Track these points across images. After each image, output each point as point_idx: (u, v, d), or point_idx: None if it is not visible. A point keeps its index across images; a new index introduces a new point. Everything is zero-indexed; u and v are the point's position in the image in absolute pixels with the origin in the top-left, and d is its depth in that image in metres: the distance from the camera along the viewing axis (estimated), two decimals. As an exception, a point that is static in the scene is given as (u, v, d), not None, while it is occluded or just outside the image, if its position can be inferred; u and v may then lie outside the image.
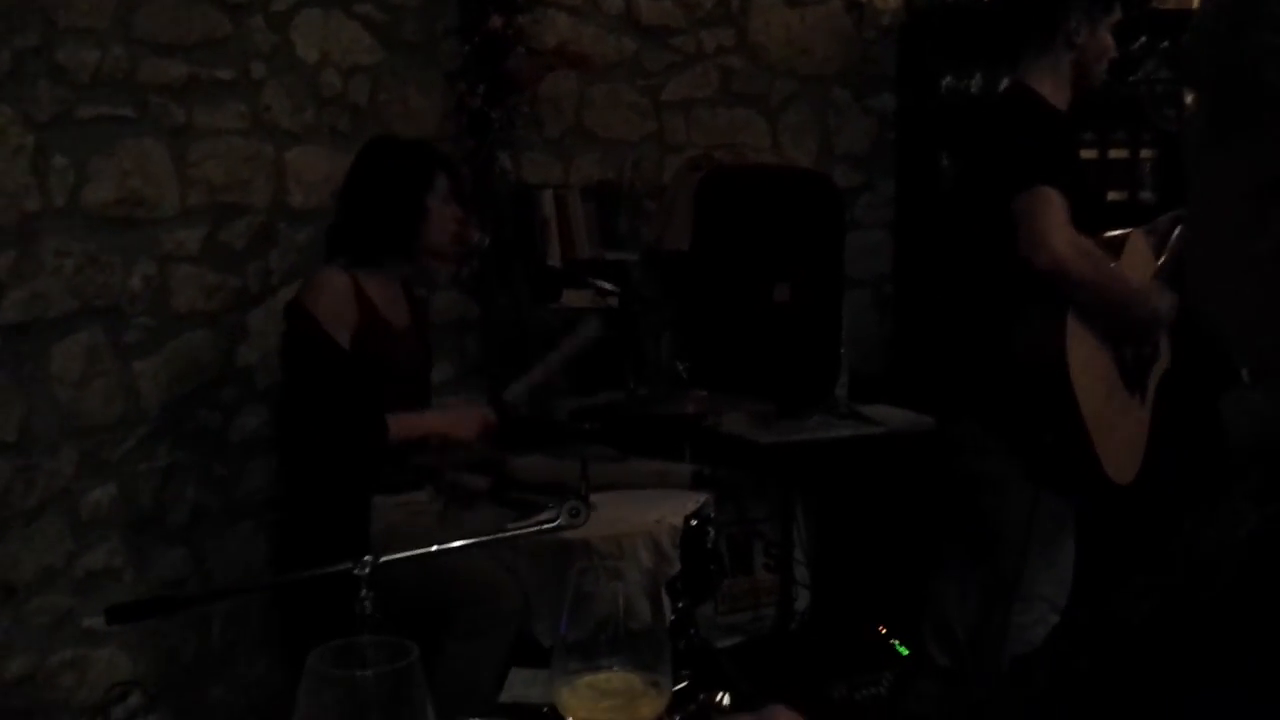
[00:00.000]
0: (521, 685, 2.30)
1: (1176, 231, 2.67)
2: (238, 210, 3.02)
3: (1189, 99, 0.68)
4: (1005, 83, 3.19)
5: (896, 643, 3.28)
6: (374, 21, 3.40)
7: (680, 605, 2.33)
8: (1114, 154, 4.12)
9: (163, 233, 2.81)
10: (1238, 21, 0.61)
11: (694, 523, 2.35)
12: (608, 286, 3.03)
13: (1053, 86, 2.55)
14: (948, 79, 3.92)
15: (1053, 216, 2.33)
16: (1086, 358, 2.43)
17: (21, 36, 2.44)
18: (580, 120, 3.77)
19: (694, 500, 2.48)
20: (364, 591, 1.79)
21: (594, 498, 2.11)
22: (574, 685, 1.08)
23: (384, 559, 1.81)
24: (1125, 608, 0.67)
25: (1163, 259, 2.65)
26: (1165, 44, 4.04)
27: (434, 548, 1.95)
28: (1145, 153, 4.12)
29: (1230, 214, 0.63)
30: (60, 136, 2.54)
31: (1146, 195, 4.13)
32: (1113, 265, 2.48)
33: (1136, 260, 2.63)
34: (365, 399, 2.55)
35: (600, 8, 3.77)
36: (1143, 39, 4.05)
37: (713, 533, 2.36)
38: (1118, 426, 2.53)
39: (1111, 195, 4.10)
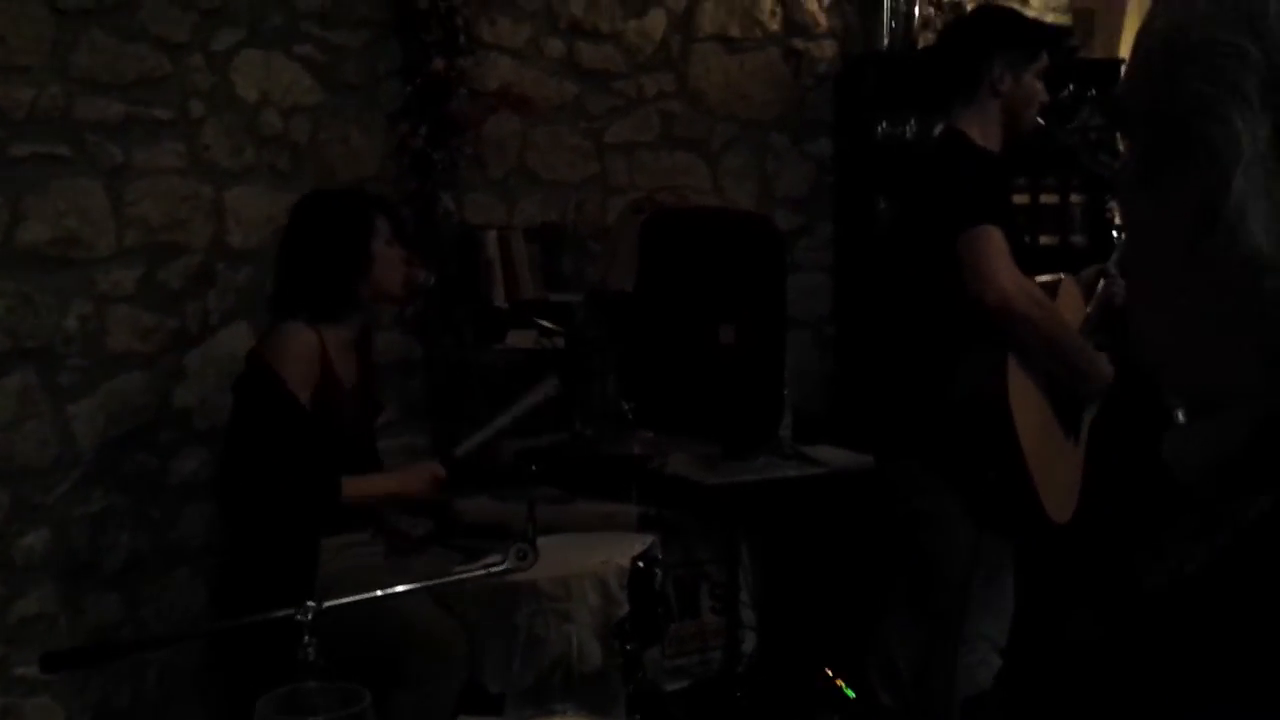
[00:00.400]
0: (469, 732, 2.27)
1: (1101, 284, 2.75)
2: (176, 250, 2.98)
3: (1123, 144, 0.70)
4: (939, 129, 3.27)
5: (843, 685, 3.29)
6: (315, 62, 3.39)
7: (629, 648, 2.32)
8: (1045, 199, 4.23)
9: (98, 273, 2.76)
10: (1169, 69, 0.64)
11: (641, 564, 2.35)
12: (552, 327, 3.03)
13: (982, 132, 2.61)
14: (883, 125, 4.00)
15: (998, 255, 2.37)
16: (1025, 397, 2.47)
17: (-45, 73, 2.40)
18: (523, 162, 3.79)
19: (640, 542, 2.47)
20: (307, 638, 1.76)
21: (540, 540, 2.09)
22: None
23: (328, 604, 1.78)
24: (1076, 636, 0.68)
25: (1090, 309, 2.72)
26: (1093, 92, 4.17)
27: (379, 592, 1.92)
28: (1075, 198, 4.24)
29: (1164, 255, 0.65)
30: (-6, 175, 2.50)
31: (1078, 239, 4.24)
32: (1055, 307, 2.53)
33: (1068, 305, 2.69)
34: (320, 461, 2.51)
35: (542, 51, 3.80)
36: (1071, 87, 4.17)
37: (660, 574, 2.36)
38: (1055, 465, 2.57)
39: (1044, 239, 4.20)
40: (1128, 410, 2.49)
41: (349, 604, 1.82)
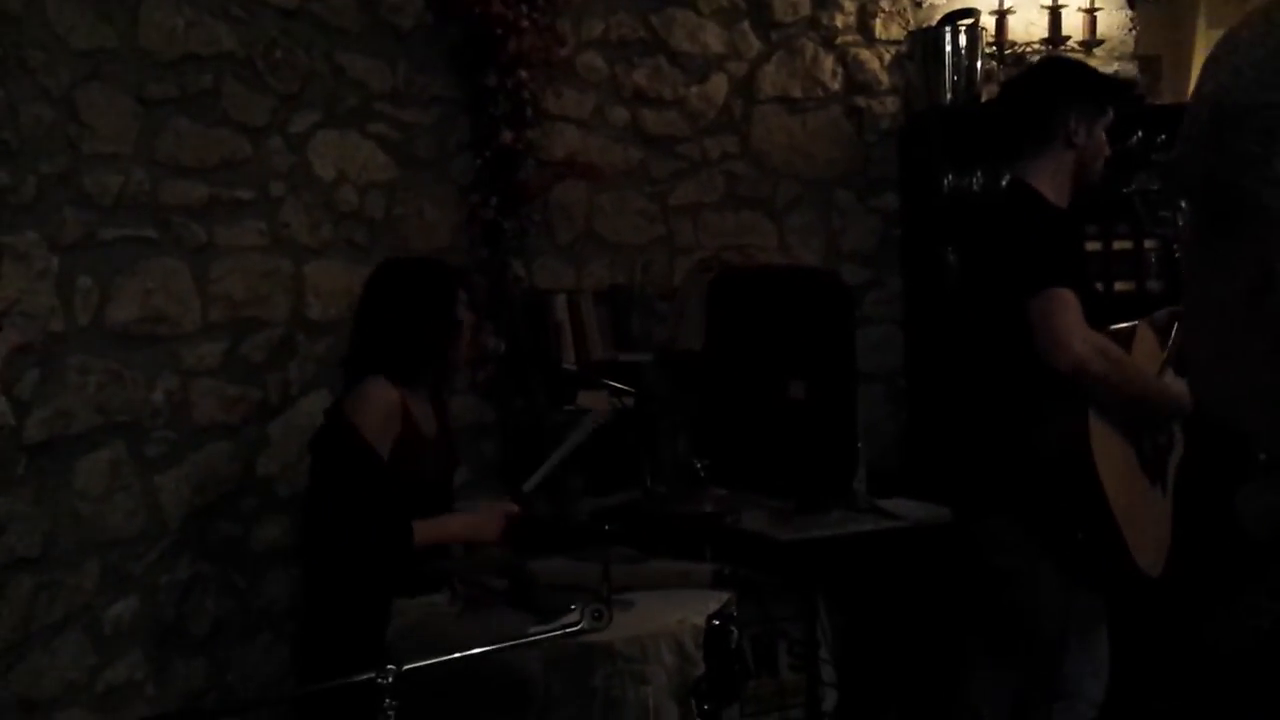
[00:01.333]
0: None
1: (1176, 326, 2.70)
2: (258, 324, 3.08)
3: (1183, 204, 0.70)
4: (1006, 180, 3.26)
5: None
6: (388, 140, 3.51)
7: (706, 708, 2.31)
8: (1118, 245, 4.18)
9: (184, 348, 2.86)
10: (1219, 133, 0.64)
11: (716, 622, 2.34)
12: (622, 387, 3.06)
13: (1052, 185, 2.59)
14: (949, 178, 4.00)
15: (1068, 317, 2.36)
16: (1109, 451, 2.43)
17: (48, 163, 2.52)
18: (590, 226, 3.86)
19: (716, 599, 2.47)
20: (387, 701, 1.79)
21: (615, 599, 2.10)
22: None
23: (408, 667, 1.81)
24: (1165, 704, 0.68)
25: (1166, 352, 2.67)
26: (1162, 138, 4.13)
27: (457, 654, 1.95)
28: (1149, 243, 4.18)
29: (1225, 314, 0.66)
30: (84, 258, 2.61)
31: (1153, 285, 4.17)
32: (1128, 358, 2.49)
33: (1145, 350, 2.65)
34: (395, 509, 2.57)
35: (607, 120, 3.88)
36: (1139, 134, 4.14)
37: (736, 632, 2.35)
38: (1143, 518, 2.51)
39: (1119, 286, 4.14)
40: (1210, 460, 2.43)
41: (427, 666, 1.85)
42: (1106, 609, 2.62)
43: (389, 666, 1.80)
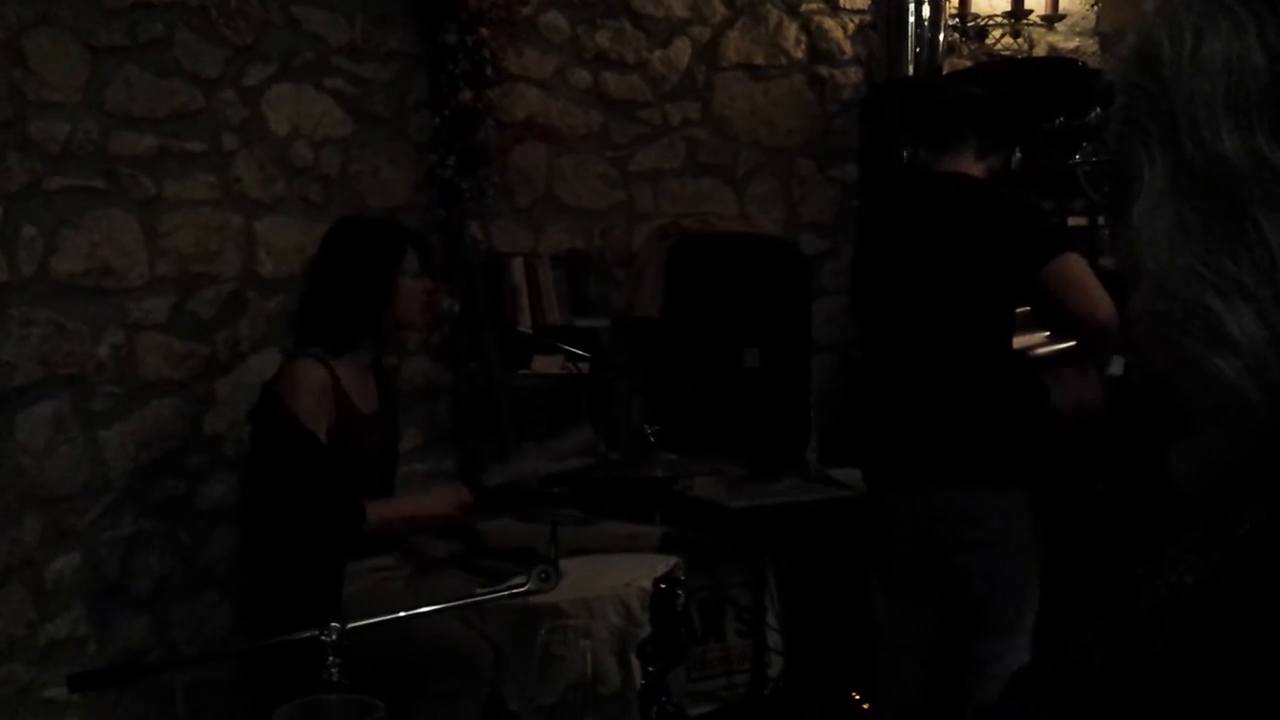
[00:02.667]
0: (490, 752, 2.28)
1: None
2: (207, 279, 3.03)
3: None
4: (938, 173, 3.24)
5: (869, 708, 3.26)
6: (345, 95, 3.45)
7: (651, 669, 2.32)
8: (1073, 221, 4.21)
9: (131, 302, 2.81)
10: (1111, 113, 0.68)
11: (663, 586, 2.35)
12: (578, 352, 3.05)
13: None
14: (909, 150, 4.00)
15: (1094, 278, 2.47)
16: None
17: (-7, 109, 2.47)
18: (550, 190, 3.83)
19: (664, 563, 2.48)
20: (331, 658, 1.78)
21: (563, 562, 2.10)
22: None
23: (352, 625, 1.80)
24: (1080, 657, 0.69)
25: None
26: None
27: (403, 613, 1.94)
28: (1103, 220, 4.22)
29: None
30: (29, 207, 2.55)
31: (1106, 261, 4.21)
32: None
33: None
34: (343, 491, 2.54)
35: (568, 82, 3.85)
36: (1096, 110, 4.17)
37: (682, 596, 2.36)
38: None
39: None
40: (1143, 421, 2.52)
41: (373, 625, 1.84)
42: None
43: (333, 624, 1.79)
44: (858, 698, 3.32)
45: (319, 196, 3.38)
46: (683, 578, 2.43)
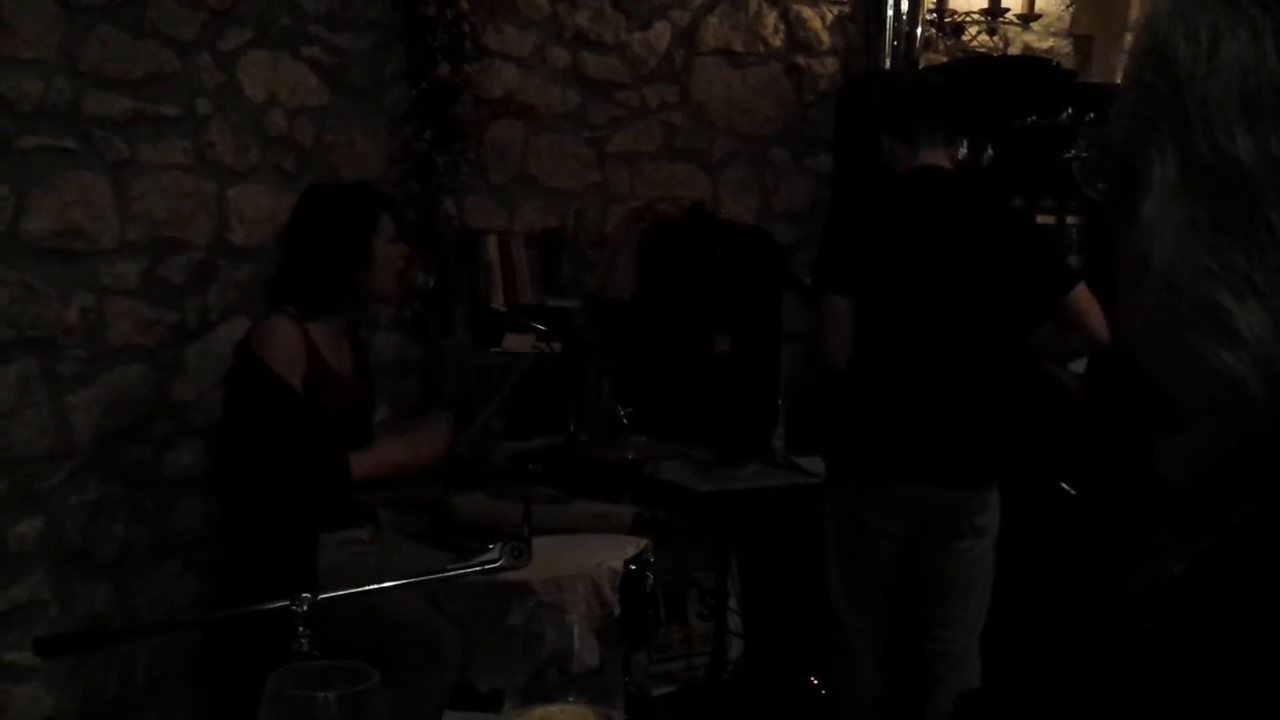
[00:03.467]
0: (457, 728, 2.28)
1: None
2: (178, 245, 3.00)
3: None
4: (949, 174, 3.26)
5: (827, 693, 3.30)
6: (321, 64, 3.42)
7: (616, 650, 2.34)
8: (1042, 219, 4.27)
9: (101, 265, 2.77)
10: (1116, 108, 0.69)
11: (633, 567, 2.37)
12: (549, 331, 3.05)
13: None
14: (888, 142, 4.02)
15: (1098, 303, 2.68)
16: None
17: (-36, 65, 2.42)
18: (525, 168, 3.82)
19: (634, 545, 2.49)
20: (301, 629, 1.77)
21: (535, 540, 2.11)
22: (527, 717, 1.09)
23: (323, 596, 1.79)
24: (1065, 641, 0.70)
25: None
26: (1090, 116, 4.21)
27: (375, 586, 1.94)
28: (1071, 219, 4.27)
29: (1129, 276, 0.69)
30: (0, 166, 2.51)
31: (1074, 260, 4.27)
32: None
33: None
34: (324, 442, 2.52)
35: (547, 60, 3.83)
36: (1069, 110, 4.22)
37: (651, 578, 2.38)
38: None
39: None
40: (1125, 412, 2.63)
41: (343, 597, 1.83)
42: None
43: (304, 594, 1.78)
44: (816, 682, 3.37)
45: (292, 166, 3.35)
46: (653, 559, 2.45)
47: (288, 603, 1.77)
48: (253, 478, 2.54)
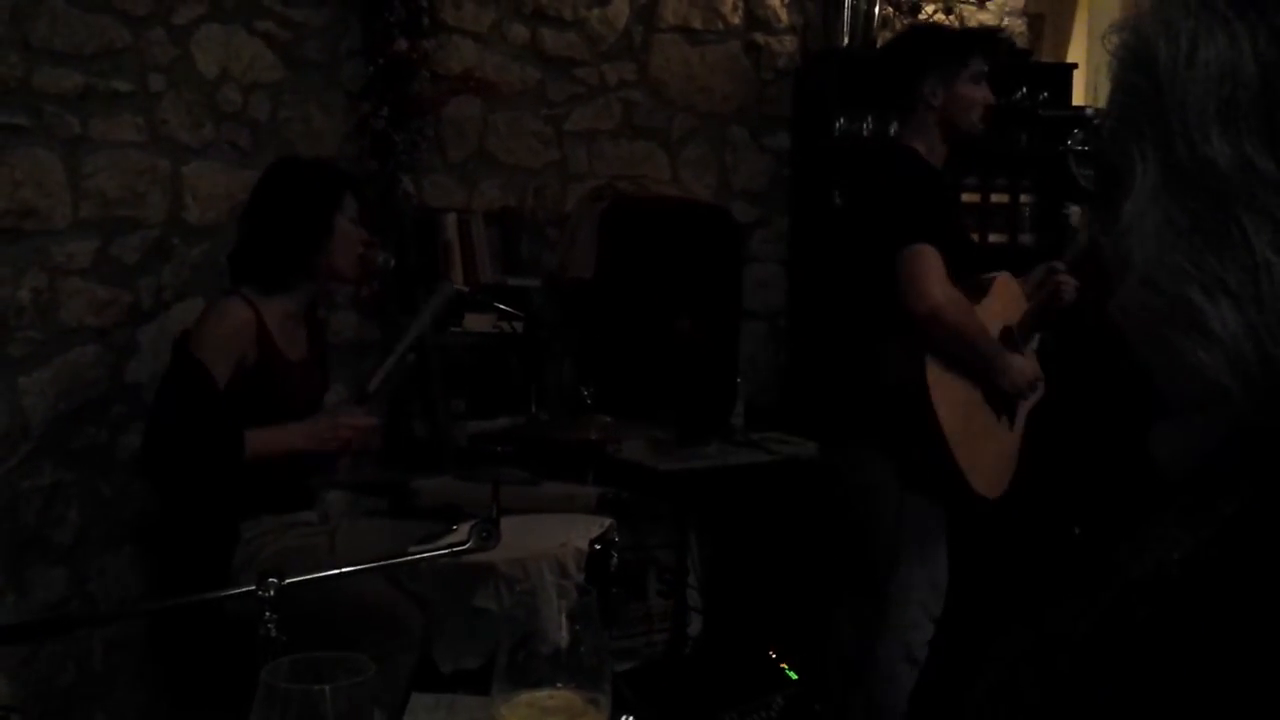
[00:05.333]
0: (423, 711, 2.28)
1: (1046, 279, 2.88)
2: (132, 224, 2.95)
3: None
4: (895, 127, 3.32)
5: (786, 667, 3.35)
6: (276, 39, 3.37)
7: (577, 629, 2.35)
8: (995, 198, 4.32)
9: (53, 244, 2.72)
10: (1101, 109, 0.71)
11: (598, 547, 2.38)
12: (510, 311, 3.04)
13: (926, 144, 2.74)
14: (841, 121, 4.05)
15: (932, 272, 2.55)
16: (947, 384, 2.63)
17: (-90, 38, 2.35)
18: (484, 146, 3.79)
19: (598, 525, 2.50)
20: (268, 614, 1.76)
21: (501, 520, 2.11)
22: (514, 703, 1.09)
23: (289, 581, 1.78)
24: (1063, 627, 0.71)
25: (1031, 304, 2.85)
26: (1044, 95, 4.26)
27: (340, 570, 1.93)
28: (1025, 198, 4.33)
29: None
30: (-52, 142, 2.46)
31: (1026, 238, 4.33)
32: (978, 322, 2.67)
33: (1005, 300, 2.83)
34: (219, 417, 2.44)
35: (505, 36, 3.80)
36: (1023, 89, 4.26)
37: (616, 557, 2.40)
38: (984, 445, 2.72)
39: (993, 238, 4.29)
40: (1118, 400, 2.62)
41: (306, 582, 1.82)
42: (945, 527, 2.77)
43: (270, 580, 1.77)
44: (773, 656, 3.41)
45: (247, 143, 3.30)
46: (617, 539, 2.47)
47: (254, 589, 1.76)
48: (162, 457, 2.44)
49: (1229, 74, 0.63)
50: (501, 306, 3.03)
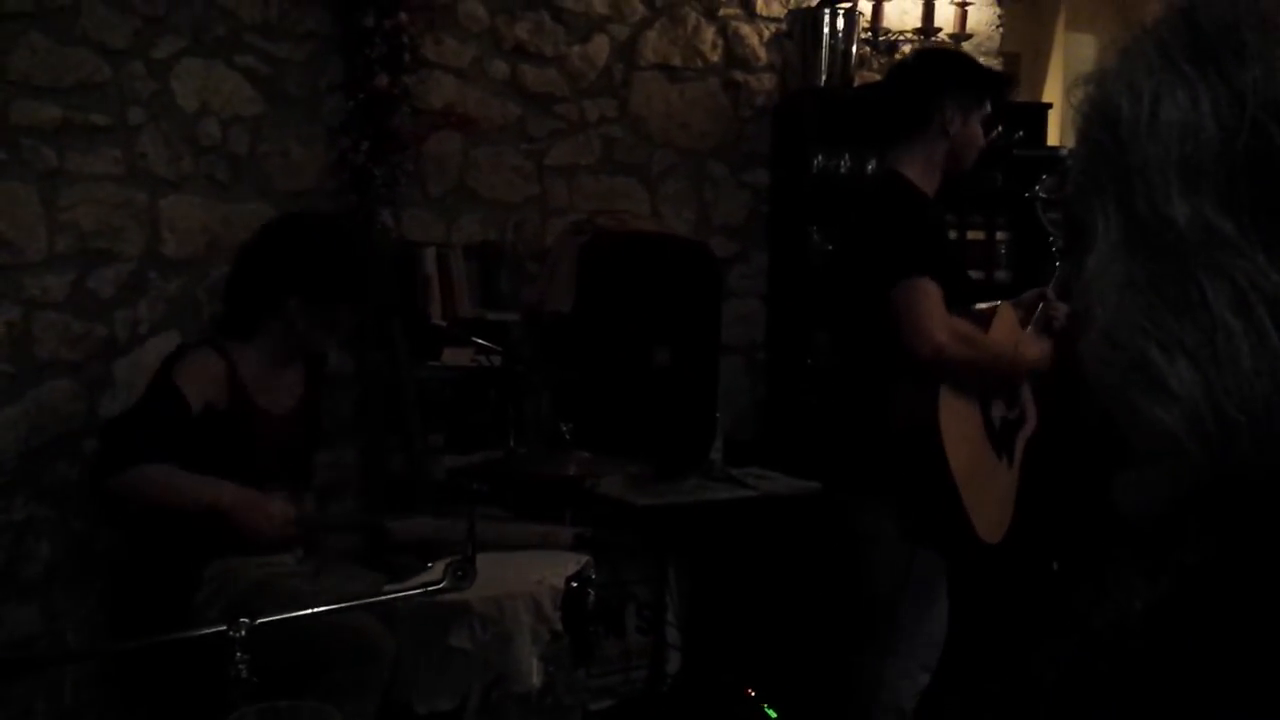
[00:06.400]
0: (396, 750, 2.26)
1: (1040, 306, 2.84)
2: (108, 257, 2.94)
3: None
4: (874, 165, 3.32)
5: (765, 705, 3.33)
6: (256, 73, 3.38)
7: (551, 670, 2.33)
8: (972, 235, 4.35)
9: (28, 278, 2.71)
10: (1069, 162, 0.71)
11: (575, 585, 2.37)
12: (489, 345, 3.04)
13: (923, 172, 2.65)
14: (819, 158, 4.08)
15: (930, 307, 2.44)
16: (957, 425, 2.54)
17: (-113, 70, 2.35)
18: (464, 180, 3.80)
19: (575, 562, 2.49)
20: (239, 654, 1.74)
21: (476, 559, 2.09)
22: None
23: (260, 621, 1.76)
24: (1038, 671, 0.71)
25: (1028, 329, 2.80)
26: (1020, 134, 4.30)
27: (314, 610, 1.91)
28: (1001, 235, 4.37)
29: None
30: (-77, 175, 2.45)
31: (1002, 275, 4.36)
32: (984, 338, 2.60)
33: (1005, 329, 2.78)
34: (164, 443, 2.37)
35: (486, 72, 3.82)
36: (999, 129, 4.30)
37: (593, 595, 2.38)
38: (986, 488, 2.64)
39: (970, 274, 4.32)
40: (1066, 436, 2.58)
41: (280, 621, 1.80)
42: (945, 579, 2.73)
43: (242, 619, 1.75)
44: (752, 694, 3.39)
45: (226, 176, 3.30)
46: (594, 576, 2.45)
47: (225, 629, 1.74)
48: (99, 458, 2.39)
49: (1190, 134, 0.64)
50: (480, 341, 3.02)
